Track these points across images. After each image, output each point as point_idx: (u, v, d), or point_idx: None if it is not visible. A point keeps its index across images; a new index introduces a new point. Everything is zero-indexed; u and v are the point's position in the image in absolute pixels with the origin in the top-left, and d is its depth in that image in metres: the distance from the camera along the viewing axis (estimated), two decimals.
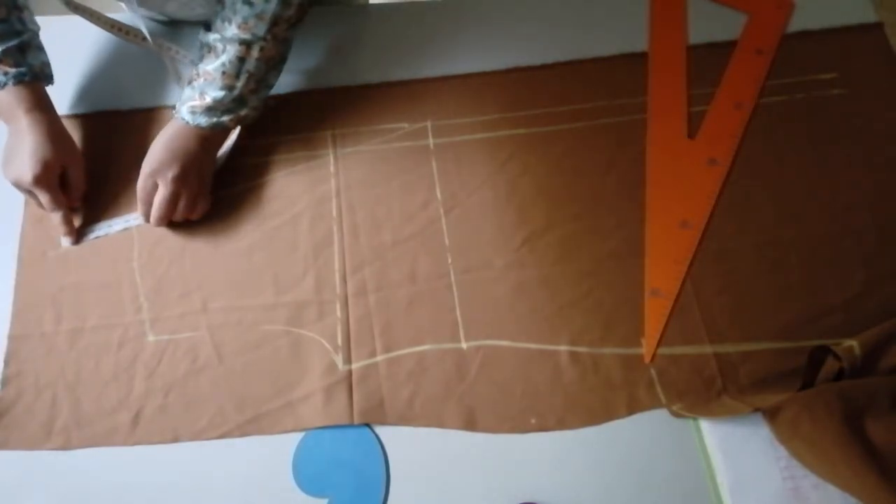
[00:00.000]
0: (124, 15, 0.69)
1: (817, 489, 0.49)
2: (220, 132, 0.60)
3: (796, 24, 0.70)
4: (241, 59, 0.56)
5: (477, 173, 0.63)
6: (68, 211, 0.59)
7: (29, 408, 0.54)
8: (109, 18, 0.67)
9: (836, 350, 0.50)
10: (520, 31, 0.70)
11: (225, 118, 0.58)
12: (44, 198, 0.57)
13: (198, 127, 0.57)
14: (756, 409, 0.50)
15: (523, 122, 0.65)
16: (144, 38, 0.67)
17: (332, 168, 0.63)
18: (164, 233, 0.61)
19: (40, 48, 0.60)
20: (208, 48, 0.57)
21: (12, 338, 0.57)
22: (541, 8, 0.72)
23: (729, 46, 0.69)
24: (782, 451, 0.50)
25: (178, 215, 0.59)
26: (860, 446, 0.46)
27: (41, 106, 0.58)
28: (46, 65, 0.60)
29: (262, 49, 0.56)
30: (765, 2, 0.71)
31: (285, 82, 0.67)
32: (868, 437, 0.46)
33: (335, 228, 0.61)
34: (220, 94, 0.57)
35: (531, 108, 0.66)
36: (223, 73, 0.56)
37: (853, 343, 0.50)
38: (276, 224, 0.61)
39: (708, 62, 0.68)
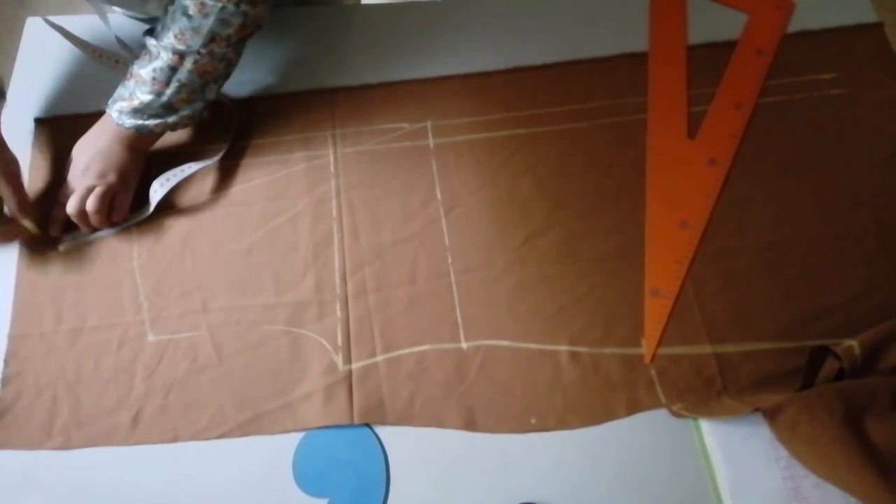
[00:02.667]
0: (116, 16, 0.69)
1: (817, 489, 0.49)
2: (146, 135, 0.59)
3: (796, 24, 0.70)
4: (173, 69, 0.56)
5: (477, 173, 0.63)
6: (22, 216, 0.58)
7: (29, 407, 0.54)
8: (89, 43, 0.67)
9: (836, 350, 0.50)
10: (520, 30, 0.70)
11: (151, 122, 0.58)
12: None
13: (123, 127, 0.58)
14: (756, 410, 0.50)
15: (523, 122, 0.65)
16: (117, 61, 0.67)
17: (332, 168, 0.63)
18: (164, 233, 0.61)
19: None
20: (146, 51, 0.57)
21: (12, 338, 0.57)
22: (541, 8, 0.72)
23: (729, 46, 0.69)
24: (782, 451, 0.50)
25: (90, 208, 0.57)
26: (860, 446, 0.46)
27: None
28: None
29: (195, 62, 0.56)
30: (765, 2, 0.71)
31: (285, 82, 0.67)
32: (868, 437, 0.46)
33: (335, 228, 0.61)
34: (148, 98, 0.57)
35: (531, 108, 0.66)
36: (153, 78, 0.56)
37: (853, 343, 0.50)
38: (276, 224, 0.61)
39: (708, 62, 0.68)
